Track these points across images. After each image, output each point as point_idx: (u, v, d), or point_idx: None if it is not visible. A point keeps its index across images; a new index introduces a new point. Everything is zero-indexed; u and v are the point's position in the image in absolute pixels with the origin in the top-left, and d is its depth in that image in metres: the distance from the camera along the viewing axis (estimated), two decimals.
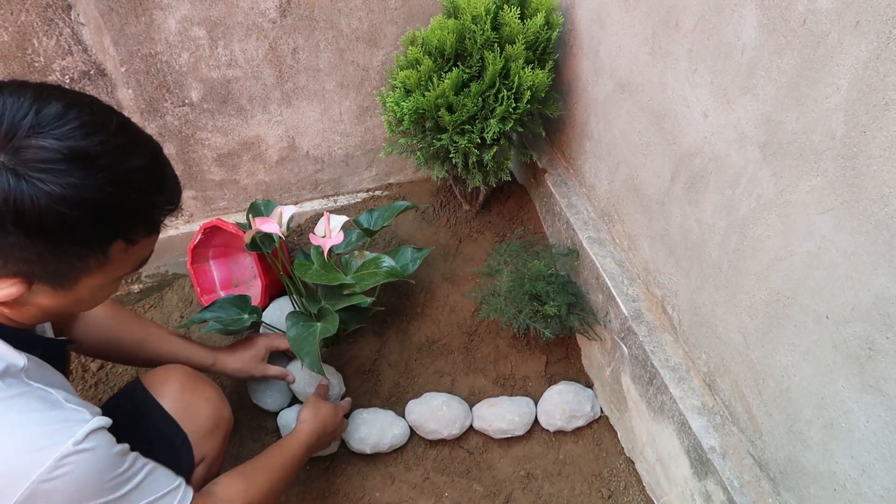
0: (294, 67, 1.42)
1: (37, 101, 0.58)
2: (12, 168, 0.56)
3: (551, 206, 1.48)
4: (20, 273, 0.61)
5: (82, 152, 0.58)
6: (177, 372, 0.94)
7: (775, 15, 0.75)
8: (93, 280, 0.66)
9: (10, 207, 0.56)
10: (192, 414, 0.91)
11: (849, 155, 0.67)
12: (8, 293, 0.61)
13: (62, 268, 0.63)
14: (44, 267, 0.62)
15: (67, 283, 0.65)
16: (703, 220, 0.97)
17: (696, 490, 1.01)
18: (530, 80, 1.21)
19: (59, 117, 0.58)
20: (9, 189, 0.55)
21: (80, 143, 0.58)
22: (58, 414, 0.65)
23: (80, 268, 0.64)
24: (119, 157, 0.61)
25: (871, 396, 0.70)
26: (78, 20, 1.25)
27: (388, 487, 1.22)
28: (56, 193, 0.57)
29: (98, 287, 0.68)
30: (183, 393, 0.91)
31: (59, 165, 0.57)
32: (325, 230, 1.17)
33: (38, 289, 0.64)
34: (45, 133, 0.57)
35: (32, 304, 0.66)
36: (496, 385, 1.35)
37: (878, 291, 0.66)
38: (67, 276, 0.64)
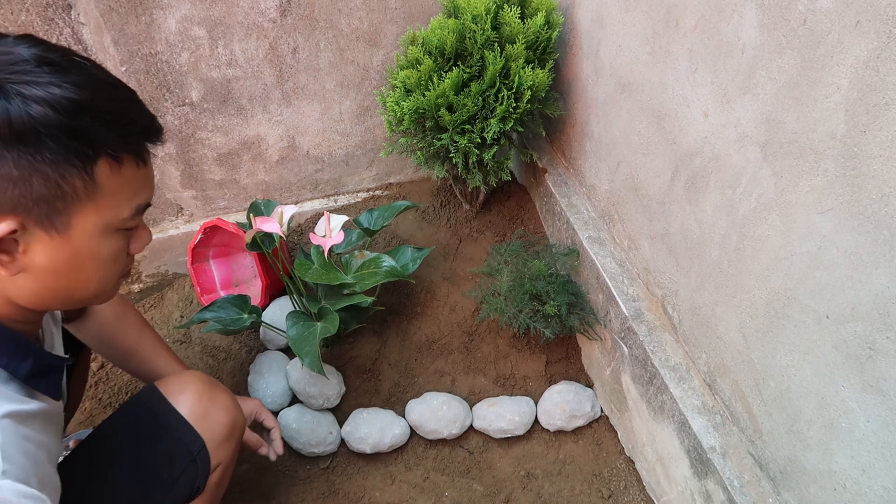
0: (294, 67, 1.42)
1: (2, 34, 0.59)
2: None
3: (551, 205, 1.48)
4: (7, 206, 0.57)
5: (49, 59, 0.57)
6: (193, 379, 0.93)
7: (775, 14, 0.75)
8: (87, 218, 0.62)
9: None
10: (210, 422, 0.90)
11: (849, 154, 0.67)
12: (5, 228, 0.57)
13: (47, 190, 0.58)
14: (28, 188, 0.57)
15: (59, 221, 0.60)
16: (703, 220, 0.97)
17: (697, 490, 1.01)
18: (530, 79, 1.21)
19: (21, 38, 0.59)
20: None
21: (47, 54, 0.58)
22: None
23: (67, 192, 0.59)
24: (87, 68, 0.60)
25: (871, 396, 0.70)
26: (78, 20, 1.25)
27: (388, 487, 1.22)
28: (27, 93, 0.55)
29: (97, 234, 0.64)
30: (200, 401, 0.90)
31: (28, 66, 0.56)
32: (326, 230, 1.17)
33: (32, 236, 0.60)
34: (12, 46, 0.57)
35: (30, 270, 0.62)
36: (496, 385, 1.35)
37: (878, 291, 0.66)
38: (56, 206, 0.59)
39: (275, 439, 1.11)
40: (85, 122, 0.59)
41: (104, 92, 0.61)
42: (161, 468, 0.85)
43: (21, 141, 0.55)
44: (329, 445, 1.25)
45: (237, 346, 1.41)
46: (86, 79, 0.59)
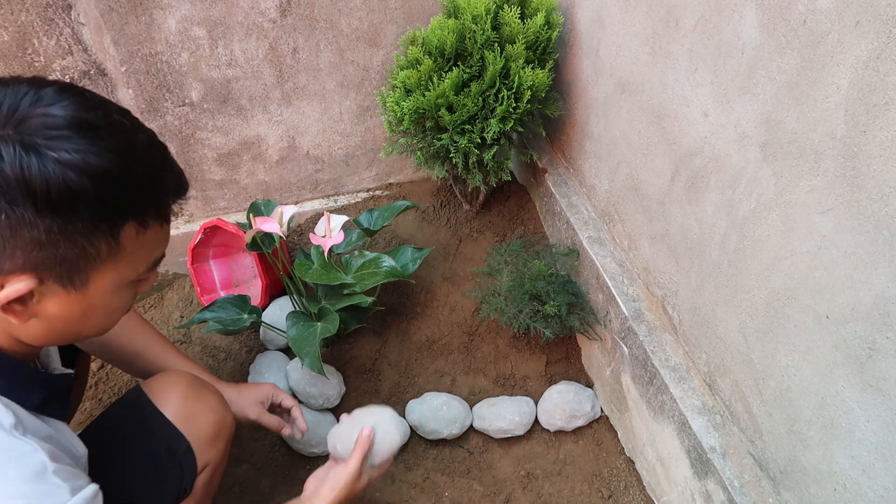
0: (294, 67, 1.42)
1: (34, 84, 0.57)
2: (18, 139, 0.54)
3: (551, 205, 1.48)
4: (29, 265, 0.57)
5: (86, 122, 0.57)
6: (179, 380, 0.92)
7: (775, 15, 0.75)
8: (105, 276, 0.62)
9: (18, 177, 0.53)
10: (195, 422, 0.89)
11: (849, 154, 0.67)
12: (17, 289, 0.57)
13: (72, 254, 0.59)
14: (54, 252, 0.57)
15: (79, 279, 0.61)
16: (703, 220, 0.97)
17: (697, 490, 1.01)
18: (530, 79, 1.21)
19: (59, 93, 0.57)
20: (15, 158, 0.53)
21: (83, 115, 0.57)
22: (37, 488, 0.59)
23: (92, 255, 0.60)
24: (122, 130, 0.60)
25: (871, 396, 0.70)
26: (78, 20, 1.25)
27: (388, 487, 1.22)
28: (63, 159, 0.54)
29: (111, 289, 0.64)
30: (186, 402, 0.89)
31: (64, 132, 0.55)
32: (326, 230, 1.17)
33: (49, 289, 0.60)
34: (50, 105, 0.56)
35: (41, 315, 0.62)
36: (496, 385, 1.35)
37: (878, 291, 0.66)
38: (79, 266, 0.60)
39: (296, 417, 1.10)
40: (119, 190, 0.59)
41: (140, 158, 0.61)
42: (145, 471, 0.84)
43: (55, 208, 0.55)
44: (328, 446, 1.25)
45: (237, 346, 1.41)
46: (123, 144, 0.59)
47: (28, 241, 0.56)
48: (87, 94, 0.59)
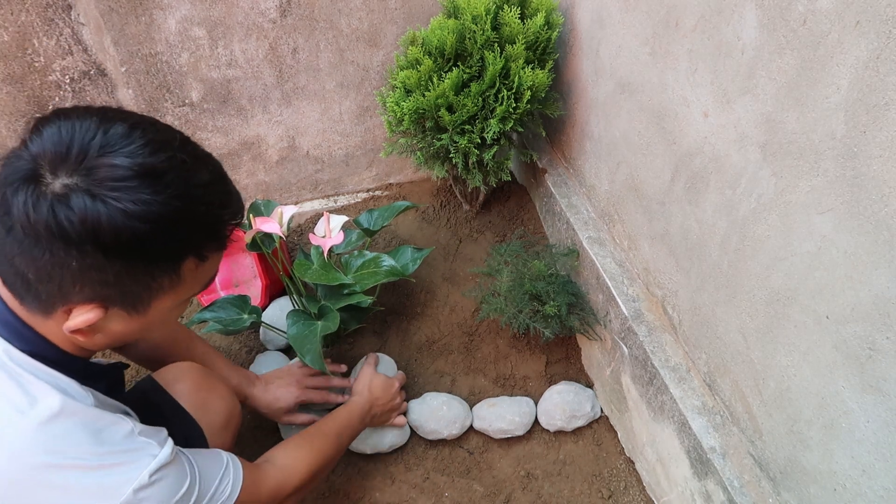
0: (294, 67, 1.42)
1: (102, 122, 0.59)
2: (86, 189, 0.56)
3: (551, 206, 1.48)
4: (97, 298, 0.62)
5: (151, 168, 0.59)
6: (191, 370, 0.95)
7: (775, 15, 0.75)
8: (165, 301, 0.67)
9: (87, 228, 0.56)
10: (207, 411, 0.92)
11: (849, 155, 0.67)
12: (86, 319, 0.62)
13: (137, 289, 0.63)
14: (120, 289, 0.62)
15: (141, 307, 0.65)
16: (703, 220, 0.97)
17: (697, 490, 1.01)
18: (530, 80, 1.21)
19: (126, 136, 0.59)
20: (85, 210, 0.56)
21: (148, 160, 0.59)
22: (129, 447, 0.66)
23: (154, 288, 0.64)
24: (185, 172, 0.62)
25: (871, 396, 0.70)
26: (78, 20, 1.25)
27: (388, 487, 1.22)
28: (130, 210, 0.57)
29: (168, 309, 0.69)
30: (198, 391, 0.93)
31: (130, 182, 0.58)
32: (325, 230, 1.17)
33: (113, 314, 0.64)
34: (115, 152, 0.58)
35: (104, 331, 0.66)
36: (496, 385, 1.35)
37: (878, 291, 0.66)
38: (142, 298, 0.64)
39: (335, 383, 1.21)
40: (181, 233, 0.62)
41: (201, 199, 0.63)
42: None
43: (121, 254, 0.59)
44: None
45: (237, 346, 1.41)
46: (185, 189, 0.62)
47: (96, 280, 0.60)
48: (152, 133, 0.61)
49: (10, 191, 0.57)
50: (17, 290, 0.62)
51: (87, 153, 0.57)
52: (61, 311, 0.62)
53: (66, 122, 0.59)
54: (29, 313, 0.64)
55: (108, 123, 0.59)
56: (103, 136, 0.58)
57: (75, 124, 0.58)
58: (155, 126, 0.63)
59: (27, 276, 0.59)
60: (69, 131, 0.58)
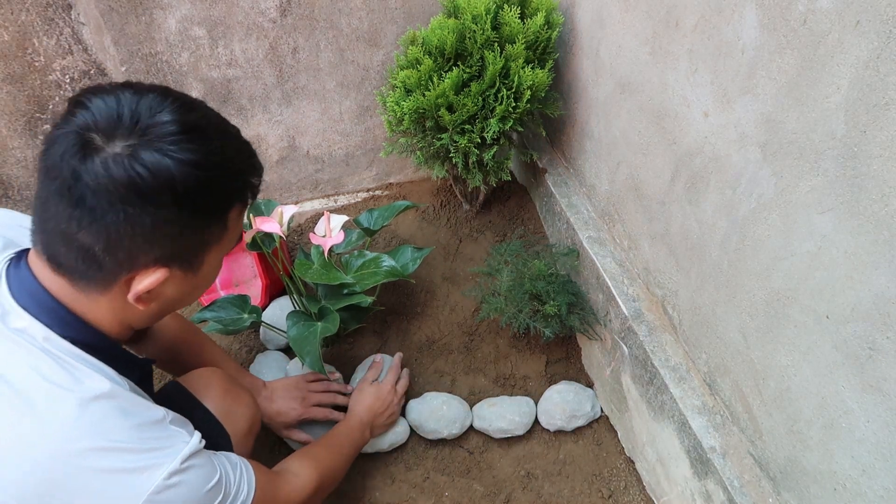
0: (294, 67, 1.42)
1: (138, 92, 0.64)
2: (150, 146, 0.61)
3: (551, 205, 1.48)
4: (162, 258, 0.65)
5: (195, 123, 0.64)
6: (216, 377, 0.97)
7: (775, 14, 0.75)
8: (214, 254, 0.72)
9: (161, 179, 0.61)
10: (234, 417, 0.94)
11: (849, 154, 0.67)
12: (154, 280, 0.65)
13: (196, 241, 0.68)
14: (183, 244, 0.66)
15: (196, 262, 0.70)
16: (703, 220, 0.97)
17: (697, 490, 1.01)
18: (530, 79, 1.21)
19: (163, 100, 0.64)
20: (157, 163, 0.60)
21: (189, 116, 0.64)
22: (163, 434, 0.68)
23: (207, 240, 0.69)
24: (220, 124, 0.69)
25: (871, 396, 0.70)
26: (78, 20, 1.25)
27: (388, 487, 1.22)
28: (191, 160, 0.62)
29: (213, 266, 0.73)
30: (225, 398, 0.94)
31: (183, 136, 0.62)
32: (326, 229, 1.17)
33: (172, 275, 0.68)
34: (161, 112, 0.63)
35: (160, 298, 0.70)
36: (496, 385, 1.35)
37: (878, 291, 0.66)
38: (198, 252, 0.69)
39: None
40: (229, 179, 0.68)
41: (238, 148, 0.70)
42: None
43: (190, 202, 0.64)
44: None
45: (237, 346, 1.41)
46: (225, 139, 0.68)
47: (167, 236, 0.64)
48: (178, 96, 0.66)
49: (76, 161, 0.59)
50: (76, 271, 0.64)
51: (139, 117, 0.62)
52: (123, 282, 0.65)
53: (108, 95, 0.62)
54: (79, 294, 0.66)
55: (142, 92, 0.64)
56: (148, 101, 0.63)
57: (118, 95, 0.62)
58: (177, 91, 0.68)
59: (93, 250, 0.62)
60: (115, 101, 0.62)
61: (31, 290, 0.66)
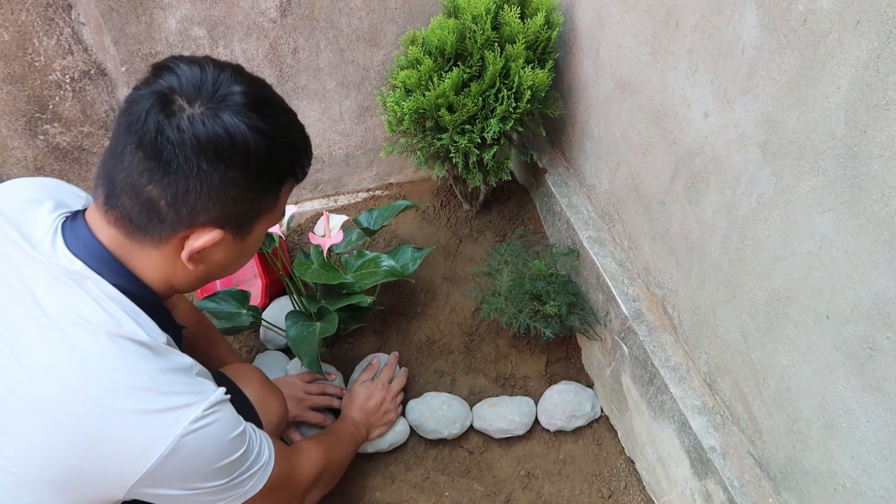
0: (294, 67, 1.42)
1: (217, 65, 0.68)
2: (228, 110, 0.65)
3: (551, 205, 1.48)
4: (220, 218, 0.68)
5: (266, 97, 0.69)
6: (255, 372, 1.02)
7: (776, 14, 0.75)
8: (261, 226, 0.75)
9: (237, 142, 0.65)
10: (268, 409, 0.98)
11: (849, 154, 0.67)
12: (210, 238, 0.68)
13: (253, 208, 0.71)
14: (242, 206, 0.69)
15: (247, 228, 0.73)
16: (703, 220, 0.96)
17: (697, 490, 1.01)
18: (530, 79, 1.21)
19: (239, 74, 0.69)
20: (236, 125, 0.64)
21: (262, 91, 0.70)
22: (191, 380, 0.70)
23: (261, 208, 0.72)
24: (284, 105, 0.73)
25: (871, 396, 0.70)
26: (78, 20, 1.25)
27: (388, 487, 1.22)
28: (261, 128, 0.66)
29: (259, 237, 0.76)
30: (262, 390, 0.98)
31: (256, 107, 0.67)
32: (325, 229, 1.17)
33: (224, 239, 0.70)
34: (238, 83, 0.67)
35: (209, 261, 0.73)
36: (496, 385, 1.35)
37: (878, 291, 0.66)
38: (252, 219, 0.72)
39: None
40: (290, 152, 0.72)
41: (297, 125, 0.74)
42: None
43: (256, 167, 0.67)
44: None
45: (237, 345, 1.41)
46: (288, 115, 0.73)
47: (229, 197, 0.67)
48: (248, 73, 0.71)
49: (161, 116, 0.63)
50: (135, 221, 0.67)
51: (220, 85, 0.66)
52: (179, 238, 0.68)
53: (193, 64, 0.67)
54: (133, 247, 0.69)
55: (222, 66, 0.69)
56: (227, 73, 0.67)
57: (202, 64, 0.67)
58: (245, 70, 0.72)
59: (158, 204, 0.65)
60: (199, 69, 0.66)
61: (85, 242, 0.69)
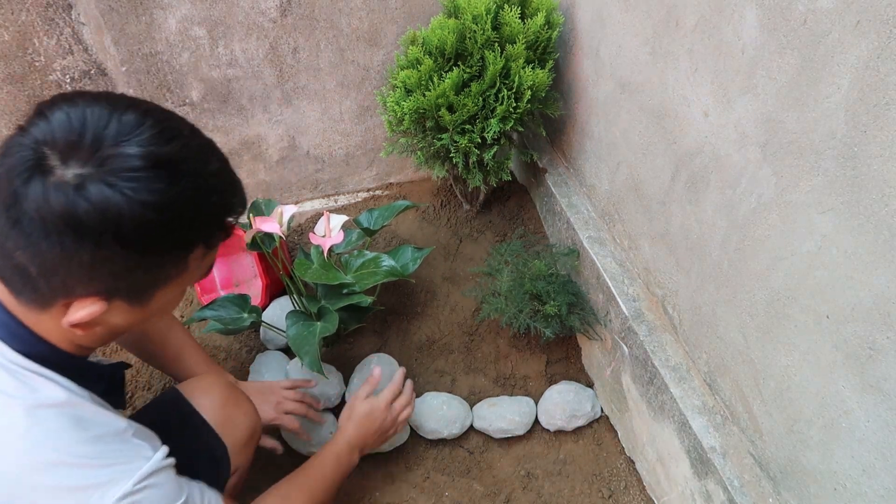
0: (294, 67, 1.42)
1: (114, 109, 0.58)
2: (103, 179, 0.55)
3: (552, 205, 1.48)
4: (102, 290, 0.60)
5: (166, 158, 0.58)
6: (216, 383, 0.94)
7: (776, 14, 0.75)
8: (167, 292, 0.66)
9: (107, 219, 0.55)
10: (232, 427, 0.91)
11: (849, 154, 0.67)
12: (89, 312, 0.60)
13: (145, 280, 0.62)
14: (128, 280, 0.61)
15: (145, 298, 0.64)
16: (703, 220, 0.96)
17: (697, 490, 1.01)
18: (531, 79, 1.21)
19: (138, 125, 0.58)
20: (105, 201, 0.55)
21: (163, 149, 0.58)
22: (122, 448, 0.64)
23: (161, 278, 0.63)
24: (198, 161, 0.61)
25: (871, 396, 0.70)
26: (78, 20, 1.25)
27: (388, 487, 1.22)
28: (148, 201, 0.56)
29: (168, 300, 0.68)
30: (225, 406, 0.91)
31: (146, 173, 0.56)
32: (325, 229, 1.17)
33: (115, 306, 0.63)
34: (129, 141, 0.56)
35: (104, 325, 0.65)
36: (496, 385, 1.35)
37: (878, 291, 0.66)
38: (147, 289, 0.64)
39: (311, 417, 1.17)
40: (193, 223, 0.62)
41: (212, 189, 0.63)
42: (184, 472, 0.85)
43: (139, 244, 0.58)
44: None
45: (237, 346, 1.41)
46: (197, 179, 0.61)
47: (106, 273, 0.59)
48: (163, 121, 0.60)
49: (20, 181, 0.54)
50: (14, 285, 0.60)
51: (101, 142, 0.56)
52: (60, 304, 0.60)
53: (75, 108, 0.56)
54: (25, 309, 0.62)
55: (119, 111, 0.57)
56: (118, 124, 0.57)
57: (86, 111, 0.56)
58: (163, 113, 0.61)
59: (28, 271, 0.57)
60: (80, 118, 0.56)
61: None
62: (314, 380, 1.23)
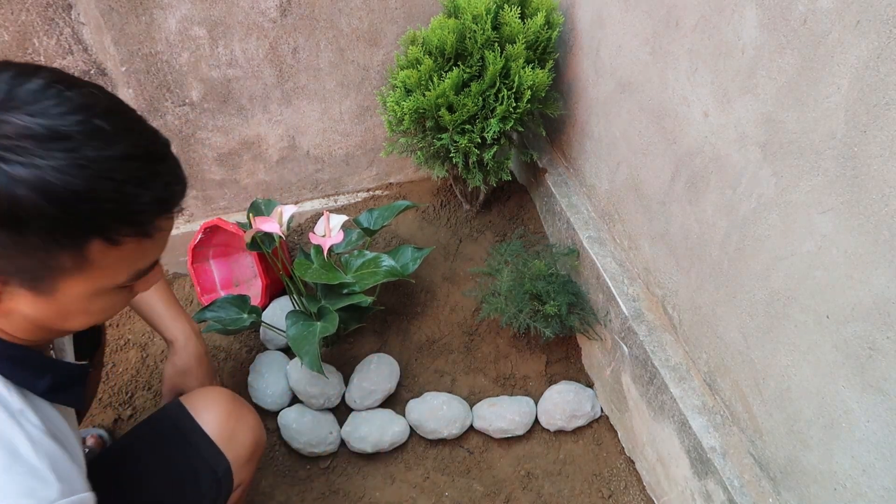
0: (294, 67, 1.42)
1: (18, 77, 0.52)
2: None
3: (552, 205, 1.48)
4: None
5: (53, 131, 0.51)
6: (221, 397, 0.91)
7: (776, 14, 0.75)
8: (75, 285, 0.59)
9: None
10: (236, 443, 0.89)
11: (849, 154, 0.67)
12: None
13: (33, 265, 0.56)
14: (13, 262, 0.55)
15: (45, 286, 0.58)
16: (703, 220, 0.97)
17: (697, 490, 1.01)
18: (530, 79, 1.21)
19: (37, 94, 0.52)
20: None
21: (53, 122, 0.51)
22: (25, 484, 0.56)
23: (54, 266, 0.56)
24: (97, 141, 0.53)
25: (871, 396, 0.70)
26: (78, 19, 1.25)
27: (388, 487, 1.22)
28: (17, 175, 0.50)
29: (86, 296, 0.61)
30: (228, 420, 0.89)
31: (23, 143, 0.50)
32: (325, 229, 1.17)
33: (16, 293, 0.58)
34: (18, 109, 0.51)
35: (16, 313, 0.60)
36: (496, 384, 1.35)
37: (878, 291, 0.66)
38: (41, 275, 0.57)
39: None
40: (78, 209, 0.53)
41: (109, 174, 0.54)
42: (186, 489, 0.84)
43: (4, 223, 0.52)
44: (329, 445, 1.25)
45: (237, 346, 1.41)
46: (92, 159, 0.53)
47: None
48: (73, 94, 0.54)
49: None
50: None
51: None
52: None
53: None
54: None
55: (24, 78, 0.52)
56: (9, 91, 0.51)
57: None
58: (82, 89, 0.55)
59: None
60: None
61: None
62: None
